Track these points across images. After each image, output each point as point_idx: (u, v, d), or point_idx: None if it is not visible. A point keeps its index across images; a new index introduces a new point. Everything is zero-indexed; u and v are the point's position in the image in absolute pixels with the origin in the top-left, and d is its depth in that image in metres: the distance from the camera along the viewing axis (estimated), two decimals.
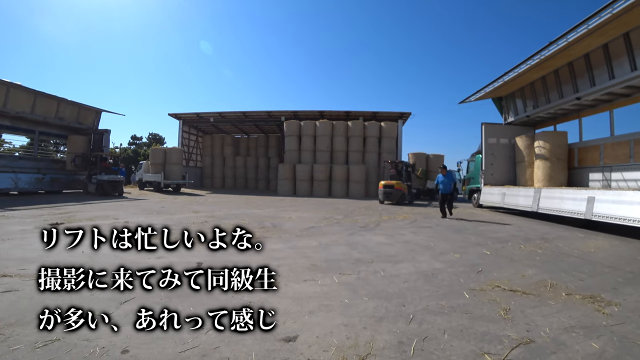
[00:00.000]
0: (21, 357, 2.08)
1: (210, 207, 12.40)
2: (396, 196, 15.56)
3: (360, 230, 7.54)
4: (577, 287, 3.72)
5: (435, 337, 2.47)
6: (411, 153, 22.18)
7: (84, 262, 3.76)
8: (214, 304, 2.65)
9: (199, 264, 4.01)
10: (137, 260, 3.95)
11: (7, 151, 21.14)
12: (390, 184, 15.78)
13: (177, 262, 3.91)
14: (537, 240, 6.75)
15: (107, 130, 19.29)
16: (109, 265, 3.03)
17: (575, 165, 11.52)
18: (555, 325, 2.70)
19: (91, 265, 2.76)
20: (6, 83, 14.42)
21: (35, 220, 7.68)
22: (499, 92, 13.73)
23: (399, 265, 4.52)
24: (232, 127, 30.20)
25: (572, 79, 10.62)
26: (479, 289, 3.59)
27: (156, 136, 49.83)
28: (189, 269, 2.63)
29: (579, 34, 8.41)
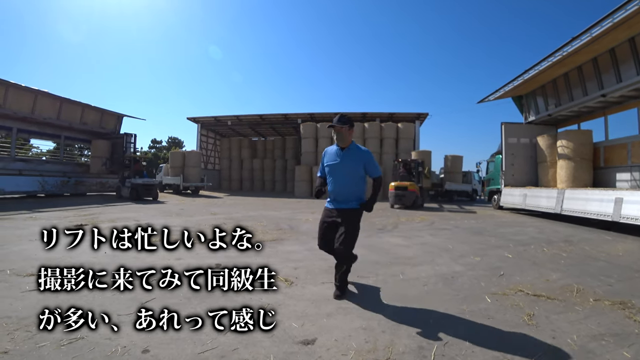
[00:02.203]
0: (47, 354, 2.14)
1: (228, 208, 12.56)
2: (410, 199, 13.87)
3: (378, 232, 7.47)
4: (605, 292, 3.56)
5: (456, 342, 2.41)
6: (416, 151, 20.55)
7: (107, 262, 3.85)
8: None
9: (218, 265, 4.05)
10: (164, 261, 4.02)
11: (34, 155, 22.01)
12: (402, 185, 14.06)
13: (197, 264, 3.96)
14: (560, 242, 6.52)
15: (133, 135, 19.30)
16: (137, 266, 3.10)
17: (601, 165, 11.09)
18: (583, 333, 2.59)
19: (117, 265, 2.82)
20: (34, 90, 15.03)
21: (61, 221, 7.95)
22: (519, 90, 13.38)
23: (418, 268, 4.45)
24: (249, 130, 30.56)
25: (597, 75, 10.25)
26: (501, 293, 3.49)
27: (175, 140, 50.98)
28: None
29: (604, 28, 8.12)
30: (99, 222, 7.87)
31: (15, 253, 4.74)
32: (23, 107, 14.84)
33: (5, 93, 13.95)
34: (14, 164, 15.31)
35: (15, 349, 2.18)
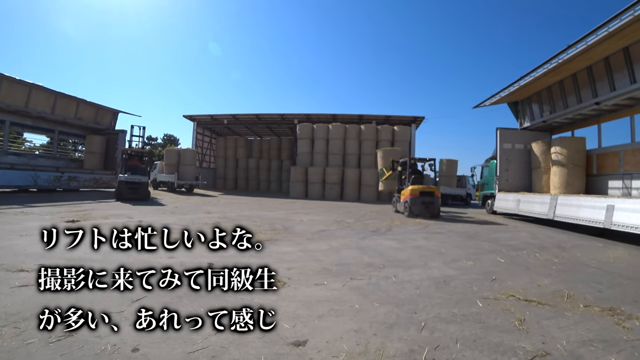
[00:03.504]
0: (35, 351, 2.12)
1: (223, 207, 12.51)
2: (437, 207, 11.26)
3: (372, 234, 7.48)
4: (595, 298, 3.60)
5: (447, 346, 2.42)
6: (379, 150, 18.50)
7: (101, 259, 3.81)
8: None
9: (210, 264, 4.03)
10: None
11: (27, 150, 21.75)
12: (429, 190, 11.21)
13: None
14: (553, 248, 6.58)
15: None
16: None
17: (594, 172, 11.22)
18: (572, 338, 2.61)
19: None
20: (28, 84, 14.88)
21: (53, 217, 7.86)
22: (515, 96, 13.49)
23: (410, 271, 4.46)
24: (246, 129, 30.50)
25: (591, 83, 10.36)
26: (493, 297, 3.51)
27: (171, 137, 50.72)
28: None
29: (599, 37, 8.21)
30: (90, 219, 7.79)
31: (5, 248, 4.69)
32: (17, 100, 14.68)
33: None
34: (6, 157, 15.15)
35: (3, 345, 2.16)
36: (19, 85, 14.67)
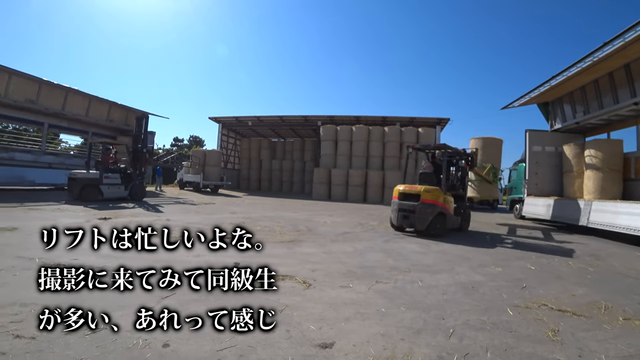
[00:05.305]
0: (72, 342, 2.23)
1: (247, 208, 12.70)
2: (422, 218, 7.44)
3: (395, 237, 7.39)
4: (635, 311, 3.40)
5: (477, 354, 2.36)
6: (473, 138, 12.59)
7: (134, 257, 3.95)
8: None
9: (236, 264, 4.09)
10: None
11: (63, 150, 22.86)
12: (411, 191, 7.79)
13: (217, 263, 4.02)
14: (586, 257, 6.28)
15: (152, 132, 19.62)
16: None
17: (632, 177, 10.60)
18: (612, 353, 2.48)
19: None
20: (65, 88, 15.66)
21: (86, 214, 8.24)
22: (546, 96, 12.97)
23: (436, 276, 4.38)
24: (269, 131, 30.80)
25: (629, 82, 9.81)
26: (524, 306, 3.39)
27: (196, 138, 52.02)
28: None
29: (638, 33, 7.78)
30: (120, 217, 8.10)
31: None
32: (54, 103, 15.47)
33: (38, 90, 14.60)
34: (44, 157, 15.95)
35: (43, 335, 2.27)
36: (57, 89, 15.45)
